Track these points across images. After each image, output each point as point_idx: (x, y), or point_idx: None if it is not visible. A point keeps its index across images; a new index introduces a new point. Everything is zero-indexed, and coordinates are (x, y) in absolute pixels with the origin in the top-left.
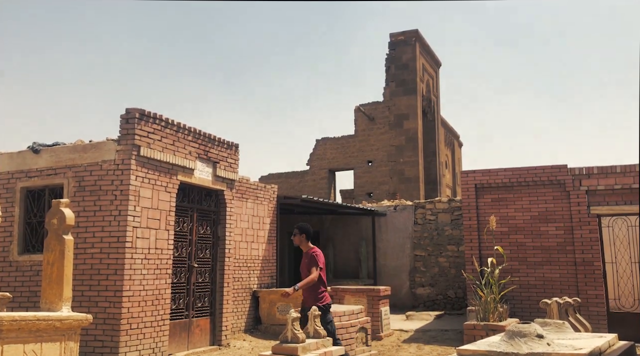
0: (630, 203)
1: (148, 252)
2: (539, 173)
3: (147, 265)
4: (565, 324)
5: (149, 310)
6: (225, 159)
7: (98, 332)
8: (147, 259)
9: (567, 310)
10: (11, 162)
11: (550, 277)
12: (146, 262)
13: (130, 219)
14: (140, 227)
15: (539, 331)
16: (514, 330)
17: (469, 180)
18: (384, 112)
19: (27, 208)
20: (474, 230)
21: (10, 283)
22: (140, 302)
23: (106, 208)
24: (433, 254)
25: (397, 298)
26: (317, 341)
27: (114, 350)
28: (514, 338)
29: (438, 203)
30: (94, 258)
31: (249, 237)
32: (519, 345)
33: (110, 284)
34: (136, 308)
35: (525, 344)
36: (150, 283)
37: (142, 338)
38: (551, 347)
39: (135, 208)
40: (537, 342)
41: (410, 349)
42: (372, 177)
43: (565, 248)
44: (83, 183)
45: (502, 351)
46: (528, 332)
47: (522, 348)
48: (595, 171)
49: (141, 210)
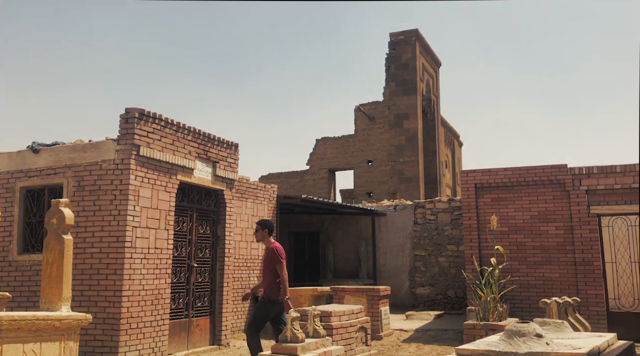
0: (630, 202)
1: (148, 252)
2: (538, 172)
3: (146, 265)
4: (564, 323)
5: (149, 309)
6: (225, 159)
7: (97, 332)
8: (147, 259)
9: (567, 309)
10: (11, 161)
11: (550, 277)
12: (146, 262)
13: (129, 219)
14: (140, 226)
15: (537, 330)
16: (513, 329)
17: (469, 179)
18: (384, 111)
19: (26, 208)
20: (474, 230)
21: (10, 283)
22: (139, 302)
23: (106, 208)
24: (433, 254)
25: (397, 298)
26: (316, 341)
27: (114, 349)
28: (512, 337)
29: (438, 203)
30: (94, 257)
31: (249, 236)
32: (517, 344)
33: (110, 284)
34: (136, 308)
35: (524, 343)
36: (150, 282)
37: (141, 337)
38: (550, 346)
39: (135, 207)
40: (536, 341)
41: (410, 349)
42: (372, 176)
43: (565, 247)
44: (83, 182)
45: (501, 351)
46: (527, 331)
47: (521, 348)
48: (595, 171)
49: (141, 210)
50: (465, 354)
